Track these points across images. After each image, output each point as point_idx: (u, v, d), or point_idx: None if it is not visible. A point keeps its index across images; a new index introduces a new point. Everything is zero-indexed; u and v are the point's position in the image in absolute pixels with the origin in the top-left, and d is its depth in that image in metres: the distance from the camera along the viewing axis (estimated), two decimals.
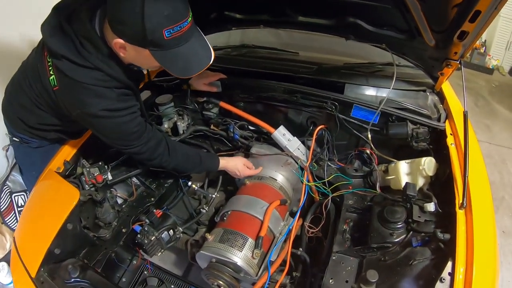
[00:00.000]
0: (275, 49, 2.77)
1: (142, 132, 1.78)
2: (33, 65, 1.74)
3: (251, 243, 1.82)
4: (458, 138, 1.86)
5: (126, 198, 2.19)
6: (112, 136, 1.77)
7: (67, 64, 1.52)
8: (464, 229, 1.50)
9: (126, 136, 1.76)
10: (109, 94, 1.60)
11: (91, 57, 1.51)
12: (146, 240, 1.91)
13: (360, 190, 2.03)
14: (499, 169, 4.50)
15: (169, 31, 1.36)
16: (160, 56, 1.45)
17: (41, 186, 2.06)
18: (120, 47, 1.48)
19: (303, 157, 2.22)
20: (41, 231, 1.81)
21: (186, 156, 2.04)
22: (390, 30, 1.97)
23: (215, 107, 2.51)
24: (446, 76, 1.99)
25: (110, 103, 1.60)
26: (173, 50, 1.43)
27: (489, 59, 6.99)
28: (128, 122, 1.70)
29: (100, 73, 1.55)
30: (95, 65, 1.52)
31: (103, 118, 1.62)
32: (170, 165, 1.98)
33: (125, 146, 1.81)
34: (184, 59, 1.49)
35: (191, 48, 1.48)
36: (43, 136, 2.08)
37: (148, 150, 1.85)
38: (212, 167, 2.16)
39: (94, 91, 1.55)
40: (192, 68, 1.55)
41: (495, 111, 5.81)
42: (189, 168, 2.10)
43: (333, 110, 2.16)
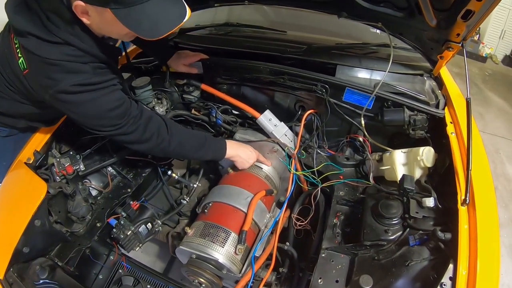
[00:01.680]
0: (261, 27, 2.70)
1: (125, 108, 1.61)
2: (1, 52, 1.62)
3: (234, 238, 1.75)
4: (458, 126, 1.79)
5: (101, 190, 2.13)
6: (90, 115, 1.58)
7: (34, 41, 1.40)
8: (466, 228, 1.42)
9: (107, 114, 1.57)
10: (82, 69, 1.47)
11: (59, 31, 1.39)
12: (122, 235, 1.86)
13: (352, 180, 1.98)
14: (492, 159, 4.57)
15: None
16: (123, 16, 1.30)
17: (10, 179, 1.99)
18: (81, 12, 1.34)
19: (290, 144, 2.15)
20: (8, 228, 1.75)
21: (187, 133, 1.88)
22: (387, 7, 1.85)
23: (196, 90, 2.41)
24: (445, 59, 1.91)
25: (84, 77, 1.46)
26: (137, 7, 1.29)
27: (482, 47, 7.26)
28: (106, 95, 1.54)
29: (71, 48, 1.43)
30: (65, 39, 1.40)
31: (77, 93, 1.47)
32: (171, 145, 1.77)
33: (108, 128, 1.61)
34: (151, 18, 1.34)
35: (158, 4, 1.33)
36: (13, 125, 1.96)
37: (138, 129, 1.66)
38: (220, 151, 1.96)
39: (65, 67, 1.43)
40: (161, 28, 1.37)
41: (488, 100, 6.02)
42: (193, 149, 1.87)
43: (323, 94, 2.07)
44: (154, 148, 1.76)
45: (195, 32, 2.70)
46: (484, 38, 7.19)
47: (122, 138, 1.68)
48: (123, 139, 1.69)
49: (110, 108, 1.56)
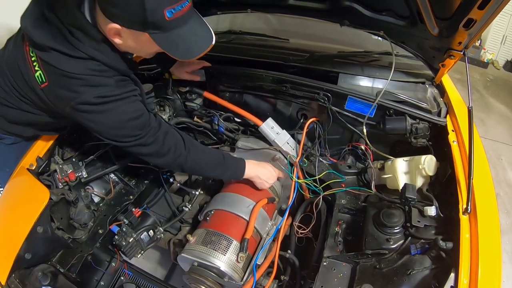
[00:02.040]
0: (264, 35, 2.70)
1: (145, 119, 1.62)
2: (12, 62, 1.61)
3: (235, 246, 1.75)
4: (460, 135, 1.79)
5: (103, 197, 2.12)
6: (111, 125, 1.57)
7: (57, 56, 1.40)
8: (468, 237, 1.43)
9: (128, 124, 1.57)
10: (106, 82, 1.48)
11: (83, 46, 1.40)
12: (124, 242, 1.87)
13: (354, 188, 1.99)
14: (493, 165, 4.55)
15: (170, 11, 1.29)
16: (161, 40, 1.38)
17: (12, 185, 1.99)
18: (115, 34, 1.39)
19: (292, 152, 2.14)
20: (10, 235, 1.74)
21: (205, 150, 1.87)
22: (389, 16, 1.86)
23: (198, 98, 2.42)
24: (447, 67, 1.91)
25: (107, 89, 1.48)
26: (174, 31, 1.37)
27: (484, 53, 7.23)
28: (127, 105, 1.55)
29: (95, 63, 1.44)
30: (90, 54, 1.41)
31: (99, 104, 1.48)
32: (188, 160, 1.76)
33: (128, 138, 1.61)
34: (186, 41, 1.43)
35: (192, 29, 1.42)
36: (19, 133, 1.96)
37: (157, 141, 1.66)
38: (238, 172, 1.93)
39: (88, 81, 1.44)
40: (195, 50, 1.47)
41: (490, 105, 5.99)
42: (211, 167, 1.86)
43: (325, 102, 2.07)
44: (171, 162, 1.75)
45: None
46: (485, 43, 7.18)
47: (141, 149, 1.68)
48: (142, 150, 1.68)
49: (130, 118, 1.57)
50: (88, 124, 1.57)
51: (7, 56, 1.66)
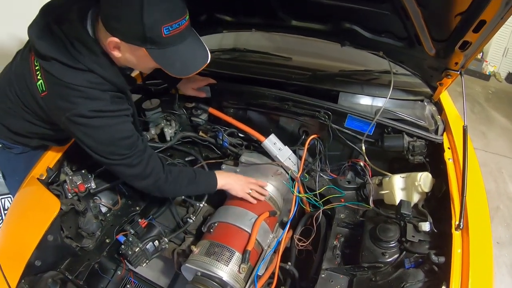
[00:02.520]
0: (267, 53, 2.74)
1: (134, 140, 1.67)
2: (19, 72, 1.67)
3: (238, 257, 1.77)
4: (456, 152, 1.82)
5: (110, 207, 2.15)
6: (101, 141, 1.61)
7: (57, 66, 1.46)
8: (460, 252, 1.45)
9: (117, 142, 1.62)
10: (102, 96, 1.53)
11: (83, 58, 1.45)
12: (130, 251, 1.87)
13: (353, 203, 2.01)
14: (494, 178, 4.52)
15: (167, 28, 1.34)
16: (157, 55, 1.42)
17: (23, 194, 2.02)
18: (114, 47, 1.44)
19: (294, 167, 2.18)
20: (21, 242, 1.78)
21: (179, 171, 1.92)
22: (388, 37, 1.92)
23: (204, 113, 2.45)
24: (445, 86, 1.95)
25: (102, 104, 1.53)
26: (171, 48, 1.42)
27: (486, 65, 7.09)
28: (120, 124, 1.60)
29: (93, 75, 1.49)
30: (88, 67, 1.46)
31: (93, 118, 1.53)
32: (167, 182, 1.83)
33: (115, 156, 1.65)
34: (182, 59, 1.47)
35: (189, 47, 1.47)
36: (26, 143, 2.00)
37: (142, 162, 1.71)
38: (211, 184, 2.00)
39: (85, 93, 1.49)
40: (190, 68, 1.53)
41: (491, 118, 5.89)
42: (184, 186, 1.92)
43: (326, 120, 2.10)
44: (151, 185, 1.80)
45: None
46: (487, 56, 7.08)
47: (126, 170, 1.72)
48: (126, 171, 1.73)
49: (121, 137, 1.62)
50: (80, 136, 1.60)
51: (15, 67, 1.72)
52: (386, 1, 1.62)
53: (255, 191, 2.04)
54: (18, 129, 1.88)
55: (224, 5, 2.21)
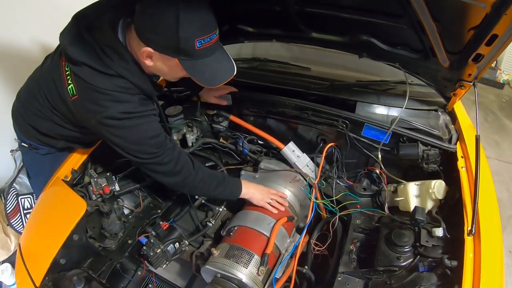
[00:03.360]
0: (287, 63, 2.78)
1: (163, 139, 1.73)
2: (48, 76, 1.73)
3: (256, 260, 1.80)
4: (469, 161, 1.84)
5: (132, 209, 2.19)
6: (132, 141, 1.67)
7: (88, 71, 1.52)
8: (471, 256, 1.48)
9: (147, 141, 1.68)
10: (130, 99, 1.59)
11: (114, 64, 1.52)
12: (151, 253, 1.89)
13: (368, 210, 2.03)
14: (507, 187, 4.45)
15: (200, 41, 1.41)
16: (188, 66, 1.49)
17: (48, 194, 2.07)
18: (147, 56, 1.51)
19: (311, 174, 2.20)
20: (47, 240, 1.84)
21: (209, 173, 1.97)
22: (404, 50, 1.96)
23: (225, 121, 2.49)
24: (458, 96, 1.98)
25: (131, 106, 1.59)
26: (201, 60, 1.49)
27: (499, 74, 6.91)
28: (148, 123, 1.67)
29: (123, 81, 1.56)
30: (118, 72, 1.53)
31: (123, 120, 1.59)
32: (196, 180, 1.88)
33: (146, 155, 1.71)
34: (211, 70, 1.54)
35: (217, 59, 1.54)
36: (52, 144, 2.07)
37: (171, 161, 1.77)
38: (236, 191, 2.04)
39: (114, 96, 1.55)
40: (218, 79, 1.60)
41: (505, 127, 5.76)
42: (214, 186, 1.96)
43: (343, 129, 2.15)
44: (181, 182, 1.85)
45: None
46: (501, 64, 6.87)
47: (157, 167, 1.77)
48: (157, 168, 1.78)
49: (151, 136, 1.67)
50: (111, 138, 1.66)
51: (44, 70, 1.80)
52: (403, 16, 1.67)
53: (276, 201, 2.07)
54: (45, 130, 1.95)
55: (246, 16, 2.27)
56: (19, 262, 1.79)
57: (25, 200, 2.91)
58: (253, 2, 2.08)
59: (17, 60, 2.89)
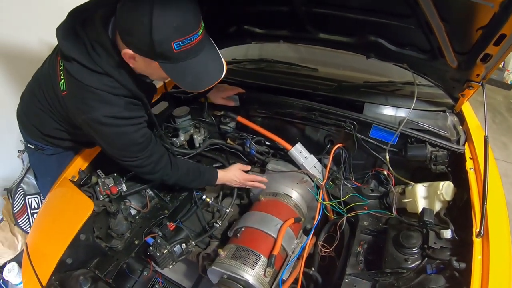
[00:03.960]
0: (294, 64, 2.77)
1: (146, 144, 1.76)
2: (46, 72, 1.74)
3: (263, 261, 1.81)
4: (477, 162, 1.83)
5: (139, 210, 2.19)
6: (115, 145, 1.72)
7: (77, 67, 1.50)
8: (480, 258, 1.48)
9: (130, 147, 1.72)
10: (116, 101, 1.57)
11: (101, 61, 1.49)
12: (158, 253, 1.90)
13: (376, 211, 2.02)
14: None
15: (178, 43, 1.33)
16: (169, 69, 1.42)
17: (56, 194, 2.08)
18: (129, 57, 1.45)
19: (319, 175, 2.20)
20: (54, 240, 1.84)
21: (187, 170, 2.03)
22: (412, 50, 1.94)
23: (232, 122, 2.49)
24: (466, 97, 1.96)
25: (117, 110, 1.57)
26: (182, 63, 1.40)
27: (507, 75, 6.86)
28: (133, 132, 1.67)
29: (109, 79, 1.53)
30: (105, 70, 1.50)
31: (107, 125, 1.59)
32: (172, 179, 1.98)
33: (127, 158, 1.77)
34: (194, 73, 1.46)
35: (202, 61, 1.44)
36: (57, 144, 2.09)
37: (151, 164, 1.83)
38: (211, 181, 2.15)
39: (101, 96, 1.53)
40: (202, 83, 1.51)
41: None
42: (188, 182, 2.08)
43: (351, 130, 2.14)
44: (157, 179, 1.96)
45: (231, 66, 2.77)
46: (509, 65, 6.78)
47: (136, 168, 1.86)
48: (136, 169, 1.87)
49: (133, 143, 1.71)
50: (95, 137, 1.71)
51: (43, 69, 1.82)
52: (411, 16, 1.66)
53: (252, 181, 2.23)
54: (48, 130, 1.96)
55: (254, 17, 2.27)
56: (26, 261, 1.79)
57: (33, 200, 2.92)
58: (260, 3, 2.08)
59: (24, 62, 2.90)
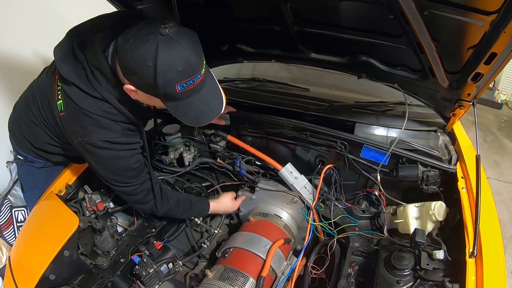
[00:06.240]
0: (286, 84, 2.78)
1: (140, 171, 1.75)
2: (43, 88, 1.73)
3: (252, 283, 1.78)
4: (469, 181, 1.83)
5: (126, 228, 2.17)
6: (109, 170, 1.71)
7: (76, 91, 1.50)
8: (474, 279, 1.47)
9: (124, 172, 1.72)
10: (113, 127, 1.58)
11: (100, 88, 1.50)
12: (144, 272, 1.88)
13: (367, 232, 2.00)
14: (508, 207, 4.45)
15: (182, 85, 1.36)
16: (172, 107, 1.47)
17: (41, 208, 2.07)
18: (131, 91, 1.47)
19: (309, 196, 2.18)
20: (37, 255, 1.83)
21: (177, 202, 2.02)
22: (403, 70, 1.96)
23: (222, 140, 2.49)
24: (458, 116, 1.97)
25: (113, 135, 1.58)
26: (185, 101, 1.44)
27: (498, 94, 6.93)
28: (128, 157, 1.67)
29: (107, 105, 1.53)
30: (104, 96, 1.50)
31: (103, 149, 1.59)
32: (161, 210, 1.95)
33: (120, 184, 1.75)
34: (196, 110, 1.50)
35: (204, 98, 1.48)
36: (47, 158, 2.07)
37: (143, 192, 1.82)
38: (202, 213, 2.17)
39: (98, 121, 1.54)
40: (203, 118, 1.56)
41: (504, 147, 5.77)
42: (179, 214, 2.07)
43: (342, 150, 2.14)
44: (146, 209, 1.95)
45: (223, 85, 2.68)
46: (499, 84, 6.84)
47: (126, 196, 1.84)
48: (126, 197, 1.85)
49: (127, 169, 1.70)
50: (89, 161, 1.70)
51: (39, 82, 1.80)
52: (402, 36, 1.68)
53: None
54: (40, 144, 1.95)
55: (246, 36, 2.28)
56: (8, 275, 1.77)
57: (19, 213, 2.91)
58: (253, 22, 2.11)
59: (17, 73, 2.91)
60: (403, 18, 1.51)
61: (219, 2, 2.02)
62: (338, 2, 1.67)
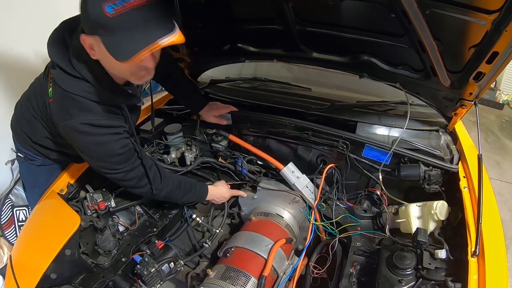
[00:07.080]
0: (288, 83, 2.77)
1: (128, 157, 1.70)
2: (41, 81, 1.74)
3: (253, 282, 1.77)
4: (471, 181, 1.83)
5: (127, 227, 2.17)
6: (94, 156, 1.67)
7: (60, 73, 1.50)
8: (476, 278, 1.46)
9: (109, 158, 1.66)
10: (95, 108, 1.54)
11: (79, 66, 1.48)
12: (145, 272, 1.89)
13: (369, 232, 2.00)
14: (509, 207, 4.44)
15: (111, 6, 1.19)
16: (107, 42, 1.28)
17: (43, 207, 2.07)
18: (89, 48, 1.38)
19: (311, 195, 2.18)
20: (39, 253, 1.82)
21: (178, 182, 1.99)
22: (405, 70, 1.96)
23: (224, 140, 2.49)
24: (459, 116, 1.98)
25: (94, 117, 1.53)
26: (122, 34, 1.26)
27: (499, 94, 6.95)
28: (112, 142, 1.61)
29: (87, 84, 1.51)
30: (83, 75, 1.48)
31: (84, 134, 1.54)
32: (162, 192, 1.91)
33: (108, 170, 1.70)
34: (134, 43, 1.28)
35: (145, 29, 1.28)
36: (46, 155, 2.07)
37: (135, 178, 1.77)
38: (202, 196, 2.13)
39: (80, 103, 1.51)
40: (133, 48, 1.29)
41: (506, 147, 5.77)
42: (180, 196, 2.01)
43: (344, 149, 2.13)
44: (145, 193, 1.90)
45: (225, 84, 2.79)
46: (500, 85, 6.86)
47: (121, 182, 1.80)
48: (121, 183, 1.82)
49: (112, 154, 1.64)
50: (76, 146, 1.66)
51: (40, 77, 1.81)
52: (404, 35, 1.68)
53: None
54: (38, 138, 1.95)
55: (248, 36, 2.28)
56: (9, 274, 1.76)
57: (20, 212, 2.91)
58: (255, 22, 2.11)
59: (18, 73, 2.92)
60: (404, 17, 1.52)
61: (221, 2, 2.02)
62: (340, 2, 1.68)
